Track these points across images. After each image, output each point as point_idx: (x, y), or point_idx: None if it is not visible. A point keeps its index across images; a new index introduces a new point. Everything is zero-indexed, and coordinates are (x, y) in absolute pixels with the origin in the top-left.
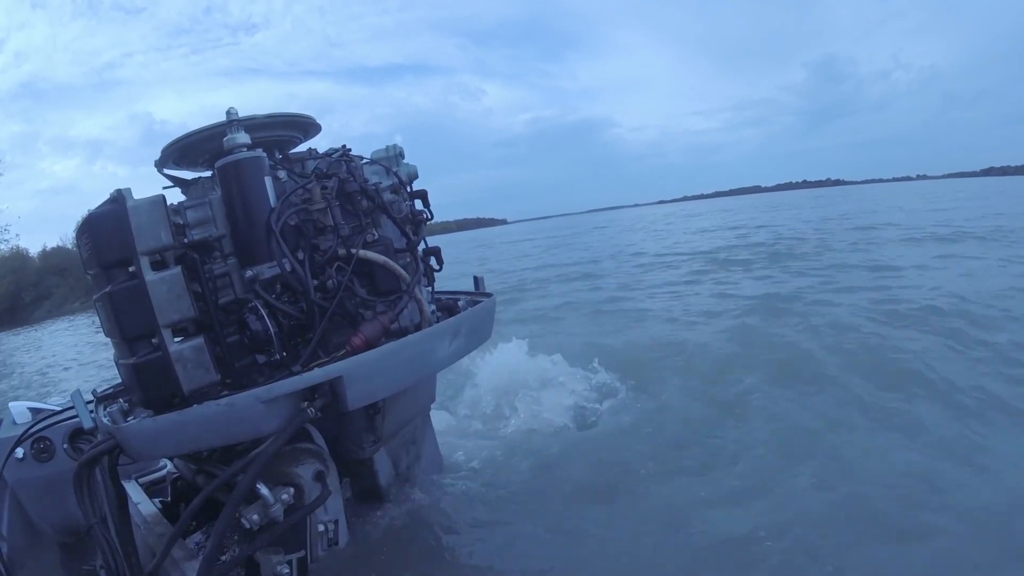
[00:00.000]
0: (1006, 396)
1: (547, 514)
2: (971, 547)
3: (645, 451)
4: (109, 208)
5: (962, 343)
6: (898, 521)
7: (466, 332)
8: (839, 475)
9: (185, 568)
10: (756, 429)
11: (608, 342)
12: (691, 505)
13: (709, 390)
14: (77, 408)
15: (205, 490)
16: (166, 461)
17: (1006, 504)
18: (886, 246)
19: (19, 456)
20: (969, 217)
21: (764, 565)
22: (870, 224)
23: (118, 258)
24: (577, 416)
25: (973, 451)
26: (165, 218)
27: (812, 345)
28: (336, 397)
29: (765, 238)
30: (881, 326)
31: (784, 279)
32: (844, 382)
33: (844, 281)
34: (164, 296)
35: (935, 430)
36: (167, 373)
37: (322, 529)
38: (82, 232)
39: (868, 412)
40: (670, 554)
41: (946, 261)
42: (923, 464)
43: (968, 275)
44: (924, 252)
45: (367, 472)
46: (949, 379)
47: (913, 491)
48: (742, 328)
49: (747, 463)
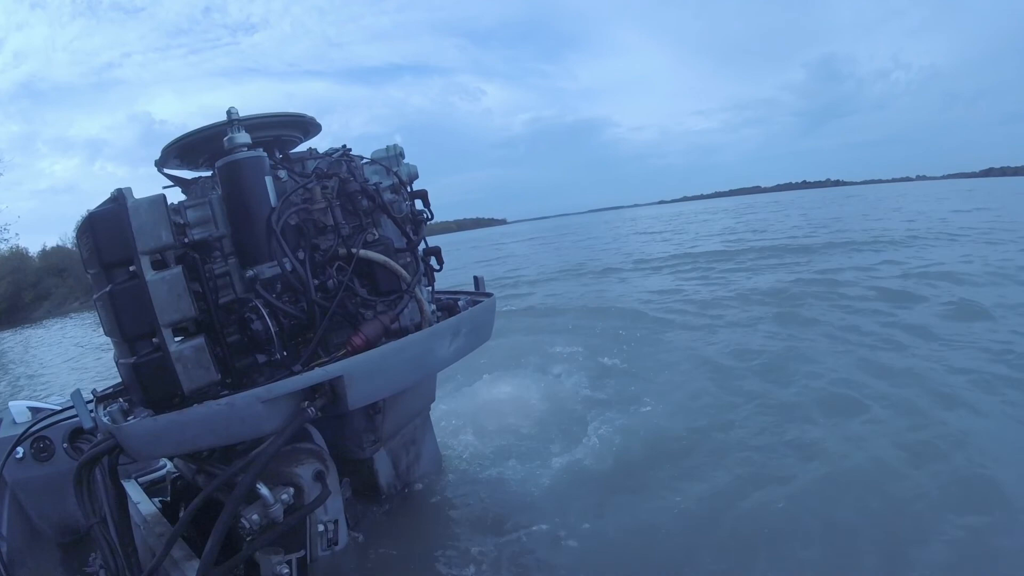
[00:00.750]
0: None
1: (560, 512)
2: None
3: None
4: (109, 208)
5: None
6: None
7: (466, 332)
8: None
9: (185, 568)
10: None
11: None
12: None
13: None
14: (77, 408)
15: (205, 490)
16: (166, 461)
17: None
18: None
19: (19, 456)
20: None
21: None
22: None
23: (119, 258)
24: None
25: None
26: (166, 217)
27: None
28: (337, 397)
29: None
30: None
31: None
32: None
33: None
34: (164, 296)
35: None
36: (167, 373)
37: (322, 529)
38: (82, 232)
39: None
40: (696, 550)
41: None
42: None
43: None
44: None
45: (367, 472)
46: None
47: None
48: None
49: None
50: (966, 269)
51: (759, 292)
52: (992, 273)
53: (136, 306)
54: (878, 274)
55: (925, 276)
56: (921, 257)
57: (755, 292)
